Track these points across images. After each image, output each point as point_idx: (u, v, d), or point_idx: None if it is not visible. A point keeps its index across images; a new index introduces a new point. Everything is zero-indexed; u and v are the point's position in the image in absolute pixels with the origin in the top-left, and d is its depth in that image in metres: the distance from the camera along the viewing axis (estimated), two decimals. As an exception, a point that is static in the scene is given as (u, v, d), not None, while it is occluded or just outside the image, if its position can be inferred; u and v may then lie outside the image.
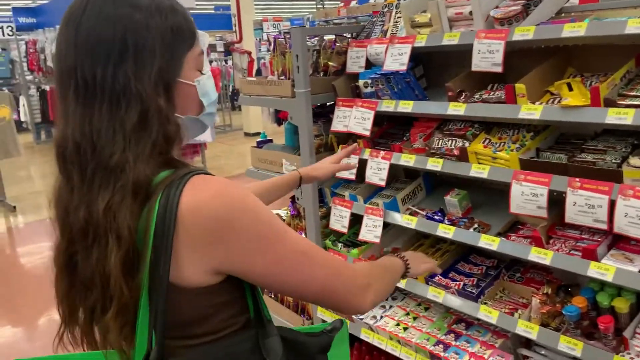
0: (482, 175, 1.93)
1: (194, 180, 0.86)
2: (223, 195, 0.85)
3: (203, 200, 0.84)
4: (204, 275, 0.86)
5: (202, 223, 0.83)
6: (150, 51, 0.87)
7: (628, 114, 1.53)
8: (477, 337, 2.06)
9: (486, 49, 1.88)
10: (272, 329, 0.95)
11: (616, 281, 1.59)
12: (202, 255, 0.84)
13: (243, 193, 0.88)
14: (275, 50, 2.56)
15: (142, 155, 0.84)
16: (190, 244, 0.83)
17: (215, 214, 0.83)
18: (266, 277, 0.90)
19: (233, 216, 0.84)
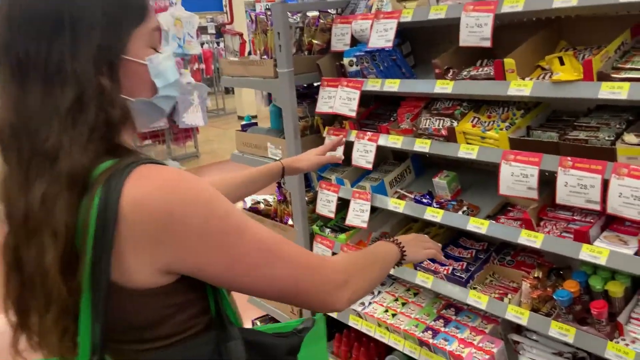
0: (470, 156, 1.85)
1: (140, 171, 0.77)
2: (171, 186, 0.77)
3: (148, 192, 0.76)
4: (154, 275, 0.78)
5: (146, 218, 0.75)
6: (89, 26, 0.79)
7: (623, 88, 1.44)
8: (467, 323, 2.00)
9: (474, 22, 1.78)
10: (235, 332, 0.87)
11: (610, 264, 1.52)
12: (148, 255, 0.76)
13: (195, 183, 0.80)
14: (257, 28, 2.45)
15: (78, 140, 0.76)
16: (134, 242, 0.75)
17: (161, 208, 0.75)
18: (224, 277, 0.83)
19: (182, 210, 0.76)
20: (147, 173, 0.78)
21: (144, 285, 0.78)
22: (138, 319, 0.80)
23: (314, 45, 2.41)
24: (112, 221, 0.73)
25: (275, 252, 0.86)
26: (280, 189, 2.70)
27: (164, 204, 0.75)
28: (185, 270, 0.80)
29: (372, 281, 1.07)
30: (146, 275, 0.77)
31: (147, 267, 0.77)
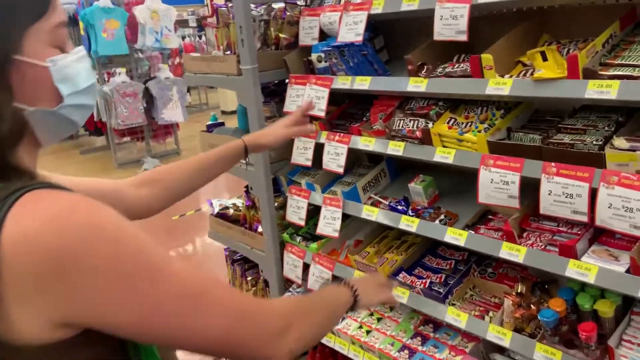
0: (447, 160, 1.69)
1: (27, 199, 0.62)
2: (62, 218, 0.62)
3: (33, 228, 0.60)
4: (47, 329, 0.63)
5: (32, 261, 0.60)
6: None
7: (612, 86, 1.28)
8: (446, 341, 1.84)
9: (449, 14, 1.62)
10: None
11: (599, 283, 1.37)
12: (36, 305, 0.62)
13: (96, 215, 0.64)
14: (219, 21, 2.26)
15: None
16: (17, 289, 0.61)
17: (51, 248, 0.60)
18: (138, 330, 0.67)
19: (78, 250, 0.61)
20: (35, 202, 0.63)
21: (36, 341, 0.63)
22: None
23: (280, 39, 2.23)
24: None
25: (202, 298, 0.71)
26: (248, 194, 2.52)
27: (55, 243, 0.60)
28: (86, 323, 0.65)
29: (319, 329, 0.93)
30: (37, 329, 0.62)
31: (36, 319, 0.62)
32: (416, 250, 2.02)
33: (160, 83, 7.05)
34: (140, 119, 6.92)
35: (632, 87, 1.25)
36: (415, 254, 2.01)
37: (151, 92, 6.97)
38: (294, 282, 2.35)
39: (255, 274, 2.70)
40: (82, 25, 6.57)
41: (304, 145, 2.17)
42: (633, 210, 1.29)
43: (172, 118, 7.32)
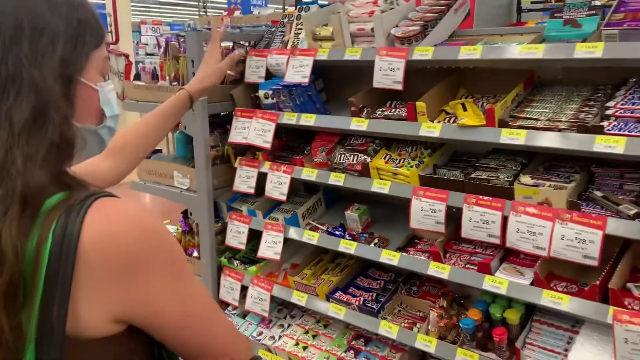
0: (383, 190, 1.94)
1: (100, 205, 0.71)
2: (139, 226, 0.72)
3: (112, 230, 0.69)
4: (106, 324, 0.72)
5: (109, 259, 0.69)
6: (51, 38, 0.74)
7: (520, 134, 1.62)
8: (377, 353, 2.06)
9: (387, 66, 1.90)
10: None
11: (510, 294, 1.67)
12: (106, 298, 0.70)
13: (159, 224, 0.76)
14: (167, 53, 2.38)
15: (35, 157, 0.69)
16: (92, 283, 0.68)
17: (128, 249, 0.70)
18: (171, 330, 0.78)
19: (149, 252, 0.72)
20: (109, 208, 0.71)
21: (94, 335, 0.71)
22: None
23: (227, 75, 2.39)
24: (69, 262, 0.66)
25: (216, 312, 0.85)
26: (186, 219, 2.60)
27: (132, 244, 0.70)
28: (139, 317, 0.74)
29: None
30: (100, 323, 0.71)
31: (102, 314, 0.70)
32: (349, 272, 2.24)
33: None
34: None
35: (535, 135, 1.59)
36: (349, 275, 2.22)
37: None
38: (230, 304, 2.45)
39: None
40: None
41: (246, 174, 2.33)
42: (535, 234, 1.61)
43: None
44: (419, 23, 1.92)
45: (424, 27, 1.90)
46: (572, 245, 1.54)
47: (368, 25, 1.98)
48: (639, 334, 1.43)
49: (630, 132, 1.45)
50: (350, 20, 2.02)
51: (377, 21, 1.93)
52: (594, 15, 1.70)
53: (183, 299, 0.77)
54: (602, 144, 1.47)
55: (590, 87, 1.75)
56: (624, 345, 1.45)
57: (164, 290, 0.74)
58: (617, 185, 1.64)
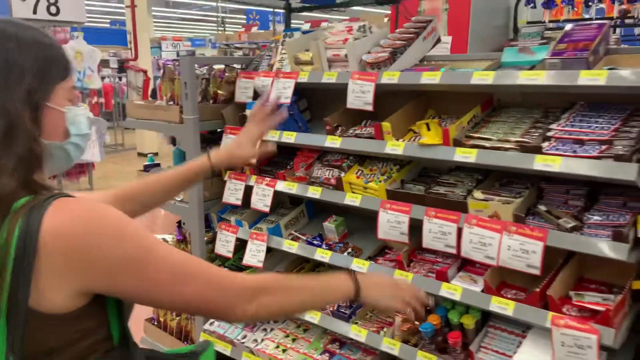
0: (355, 203, 2.10)
1: (57, 204, 0.89)
2: (83, 215, 0.89)
3: (64, 222, 0.87)
4: (69, 299, 0.89)
5: (63, 246, 0.86)
6: (20, 71, 0.92)
7: (472, 153, 1.77)
8: (349, 356, 2.20)
9: (359, 89, 2.07)
10: (139, 353, 0.99)
11: (463, 300, 1.81)
12: (65, 279, 0.87)
13: (106, 211, 0.92)
14: (164, 75, 2.59)
15: (5, 168, 0.87)
16: (52, 268, 0.86)
17: (75, 236, 0.87)
18: (136, 295, 0.95)
19: (95, 237, 0.88)
20: (64, 205, 0.89)
21: (58, 310, 0.87)
22: (49, 343, 0.89)
23: (219, 95, 2.59)
24: (31, 250, 0.83)
25: (183, 270, 0.97)
26: (180, 229, 2.79)
27: (80, 233, 0.87)
28: (101, 289, 0.91)
29: (289, 305, 1.12)
30: (62, 299, 0.87)
31: (63, 291, 0.87)
32: (327, 280, 2.38)
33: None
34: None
35: (484, 154, 1.74)
36: (326, 283, 2.37)
37: (69, 130, 6.96)
38: (218, 309, 2.61)
39: (180, 304, 2.92)
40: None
41: (235, 187, 2.50)
42: (486, 245, 1.75)
43: (87, 157, 7.29)
44: (388, 50, 2.09)
45: (392, 53, 2.07)
46: (517, 255, 1.68)
47: (342, 51, 2.15)
48: (573, 337, 1.56)
49: (566, 152, 1.59)
50: (327, 46, 2.20)
51: (350, 48, 2.11)
52: (545, 44, 1.86)
53: (137, 269, 0.92)
54: (541, 162, 1.62)
55: (542, 110, 1.90)
56: (561, 348, 1.58)
57: (114, 267, 0.89)
58: (563, 200, 1.78)
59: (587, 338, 1.53)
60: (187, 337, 2.85)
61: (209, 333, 2.57)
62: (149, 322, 3.07)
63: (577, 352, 1.55)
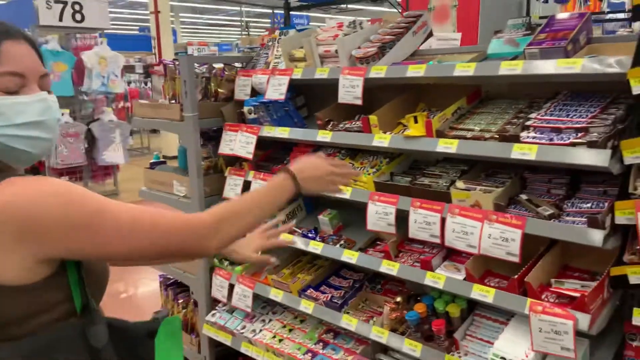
0: (345, 196, 2.14)
1: (8, 181, 0.95)
2: (28, 189, 0.95)
3: (9, 198, 0.92)
4: (25, 271, 0.94)
5: (9, 221, 0.91)
6: None
7: (453, 143, 1.79)
8: (342, 345, 2.24)
9: (349, 83, 2.12)
10: (99, 318, 1.04)
11: (446, 288, 1.83)
12: (17, 251, 0.92)
13: (51, 183, 0.97)
14: (167, 75, 2.68)
15: None
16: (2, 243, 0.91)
17: (18, 211, 0.92)
18: (96, 253, 1.00)
19: (41, 207, 0.93)
20: (14, 182, 0.95)
21: (16, 282, 0.94)
22: (7, 315, 0.95)
23: (219, 93, 2.66)
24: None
25: (137, 224, 1.02)
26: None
27: (24, 205, 0.92)
28: (61, 255, 0.97)
29: (246, 225, 1.20)
30: (15, 270, 0.93)
31: (15, 262, 0.93)
32: (323, 272, 2.44)
33: (104, 125, 7.28)
34: (81, 159, 7.08)
35: (465, 144, 1.76)
36: (322, 275, 2.42)
37: (93, 134, 7.19)
38: (220, 301, 2.69)
39: (186, 297, 3.01)
40: (30, 65, 6.77)
41: (234, 182, 2.58)
42: (468, 234, 1.77)
43: (112, 160, 7.52)
44: (377, 45, 2.13)
45: (381, 48, 2.11)
46: (497, 243, 1.70)
47: (333, 47, 2.20)
48: (550, 323, 1.57)
49: (542, 141, 1.61)
50: (318, 43, 2.26)
51: (340, 43, 2.16)
52: (529, 35, 1.87)
53: (88, 230, 0.97)
54: (517, 151, 1.64)
55: (527, 101, 1.91)
56: (539, 334, 1.60)
57: (65, 230, 0.95)
58: (546, 189, 1.79)
59: (564, 324, 1.54)
60: (192, 328, 2.93)
61: (211, 324, 2.65)
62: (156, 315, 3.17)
63: (554, 338, 1.56)
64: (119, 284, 4.60)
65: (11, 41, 1.02)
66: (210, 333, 2.67)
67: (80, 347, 1.01)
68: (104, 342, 1.03)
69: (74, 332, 1.01)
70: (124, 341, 1.08)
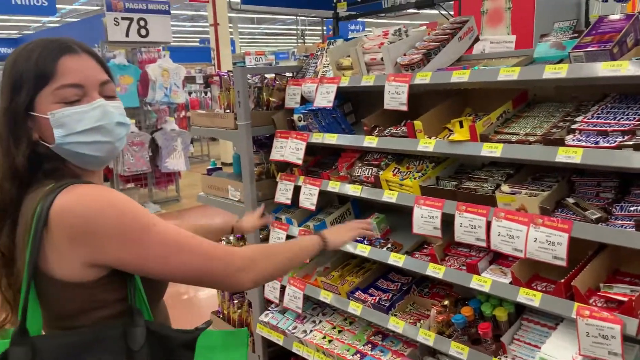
0: (391, 200, 2.19)
1: (69, 189, 1.05)
2: (87, 196, 1.04)
3: (68, 203, 1.02)
4: (82, 270, 1.04)
5: (65, 223, 1.01)
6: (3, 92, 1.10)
7: (498, 147, 1.80)
8: (390, 347, 2.28)
9: (394, 90, 2.17)
10: (140, 321, 1.09)
11: (493, 292, 1.84)
12: (72, 251, 1.02)
13: (108, 193, 1.06)
14: (222, 86, 2.82)
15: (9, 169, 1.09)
16: (59, 241, 1.02)
17: (77, 215, 1.01)
18: (139, 266, 1.07)
19: (96, 215, 1.02)
20: (74, 189, 1.05)
21: (71, 278, 1.04)
22: (65, 308, 1.06)
23: (271, 102, 2.78)
24: (41, 225, 1.01)
25: (181, 245, 1.09)
26: (239, 228, 3.00)
27: (80, 211, 1.01)
28: (107, 263, 1.05)
29: (279, 265, 1.29)
30: (71, 269, 1.03)
31: (72, 262, 1.03)
32: (371, 275, 2.48)
33: (166, 134, 7.65)
34: (145, 167, 7.46)
35: (510, 148, 1.77)
36: (370, 278, 2.47)
37: (157, 142, 7.56)
38: (272, 302, 2.79)
39: (241, 298, 3.14)
40: (99, 79, 7.21)
41: (285, 187, 2.68)
42: (514, 237, 1.77)
43: (175, 167, 7.87)
44: (422, 51, 2.17)
45: (426, 54, 2.15)
46: (543, 247, 1.70)
47: (378, 55, 2.26)
48: (597, 327, 1.55)
49: (588, 144, 1.59)
50: (364, 51, 2.32)
51: (385, 51, 2.21)
52: (576, 38, 1.85)
53: (138, 246, 1.05)
54: (563, 155, 1.63)
55: (574, 104, 1.89)
56: (586, 339, 1.58)
57: (115, 240, 1.03)
58: (594, 193, 1.76)
59: (611, 328, 1.51)
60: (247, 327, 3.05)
61: (264, 324, 2.76)
62: (214, 314, 3.32)
63: (601, 343, 1.54)
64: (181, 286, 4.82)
65: (69, 55, 1.10)
66: (264, 333, 2.78)
67: (120, 347, 1.07)
68: (140, 345, 1.08)
69: (116, 332, 1.07)
70: (161, 347, 1.11)
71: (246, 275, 1.17)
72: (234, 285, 1.17)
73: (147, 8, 7.44)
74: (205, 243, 1.14)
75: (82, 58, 1.13)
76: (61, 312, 1.07)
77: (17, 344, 1.01)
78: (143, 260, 1.07)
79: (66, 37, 1.16)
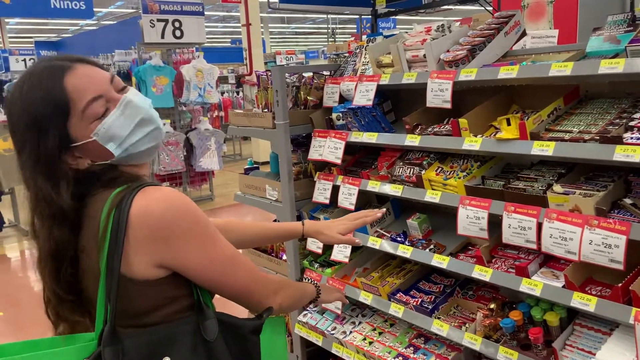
0: (434, 200, 2.13)
1: (144, 190, 1.08)
2: (166, 199, 1.07)
3: (149, 205, 1.05)
4: (152, 269, 1.07)
5: (147, 224, 1.04)
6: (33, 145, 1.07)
7: (549, 146, 1.73)
8: (434, 351, 2.22)
9: (437, 87, 2.11)
10: (210, 313, 1.14)
11: (544, 295, 1.77)
12: (148, 251, 1.05)
13: (184, 198, 1.10)
14: (259, 85, 2.81)
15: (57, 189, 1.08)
16: (137, 242, 1.05)
17: (158, 216, 1.05)
18: (198, 272, 1.11)
19: (174, 217, 1.06)
20: (149, 191, 1.08)
21: (145, 277, 1.06)
22: (139, 305, 1.08)
23: (308, 101, 2.75)
24: (122, 227, 1.03)
25: (237, 261, 1.17)
26: (276, 227, 2.99)
27: (160, 213, 1.05)
28: (172, 265, 1.08)
29: (295, 299, 1.38)
30: (146, 268, 1.06)
31: (146, 261, 1.06)
32: (412, 276, 2.43)
33: (200, 134, 7.72)
34: (180, 166, 7.56)
35: (562, 147, 1.70)
36: (411, 279, 2.42)
37: (191, 142, 7.64)
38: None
39: (279, 298, 3.13)
40: (135, 80, 7.35)
41: (323, 187, 2.65)
42: (567, 239, 1.70)
43: (209, 166, 7.95)
44: (467, 47, 2.10)
45: (471, 50, 2.09)
46: (599, 249, 1.62)
47: (421, 52, 2.21)
48: (660, 336, 1.47)
49: (649, 141, 1.51)
50: (405, 48, 2.27)
51: (428, 47, 2.16)
52: (632, 32, 1.77)
53: (204, 253, 1.10)
54: (620, 153, 1.55)
55: (631, 100, 1.80)
56: (647, 347, 1.50)
57: (187, 243, 1.07)
58: (654, 193, 1.68)
59: (675, 337, 1.43)
60: (285, 328, 3.04)
61: (302, 324, 2.73)
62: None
63: (664, 352, 1.46)
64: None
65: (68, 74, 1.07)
66: (302, 333, 2.76)
67: (195, 340, 1.11)
68: (214, 335, 1.13)
69: (189, 326, 1.12)
70: (233, 336, 1.16)
71: (277, 299, 1.25)
72: (264, 307, 1.23)
73: (181, 9, 7.52)
74: (252, 263, 1.23)
75: (79, 70, 1.09)
76: (134, 310, 1.09)
77: (109, 345, 1.04)
78: (203, 269, 1.11)
79: (42, 58, 1.13)
